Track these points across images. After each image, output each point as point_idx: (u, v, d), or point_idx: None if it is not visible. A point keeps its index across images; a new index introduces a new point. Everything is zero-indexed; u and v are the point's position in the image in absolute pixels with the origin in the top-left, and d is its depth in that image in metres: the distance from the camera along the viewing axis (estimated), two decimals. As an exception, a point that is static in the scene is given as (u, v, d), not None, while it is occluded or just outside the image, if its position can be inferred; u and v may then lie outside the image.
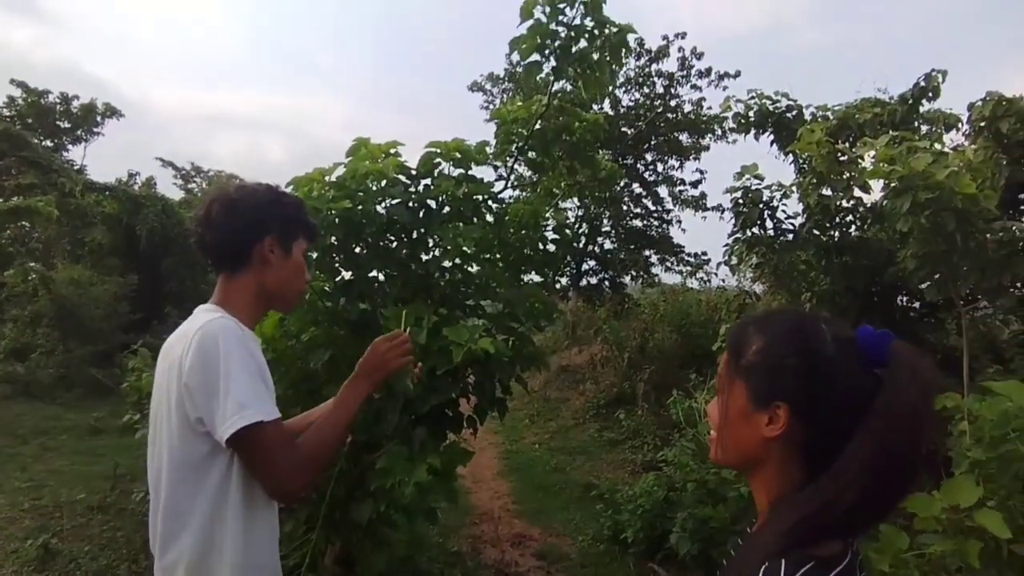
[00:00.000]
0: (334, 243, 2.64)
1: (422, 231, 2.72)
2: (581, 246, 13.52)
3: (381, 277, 2.74)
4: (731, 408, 0.82)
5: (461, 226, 2.62)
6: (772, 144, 5.99)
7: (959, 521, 1.63)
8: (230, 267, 1.35)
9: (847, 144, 4.90)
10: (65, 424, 7.49)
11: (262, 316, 1.45)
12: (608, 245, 14.68)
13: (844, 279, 5.25)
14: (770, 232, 5.41)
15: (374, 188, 2.61)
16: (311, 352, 2.55)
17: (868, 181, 4.37)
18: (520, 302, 2.76)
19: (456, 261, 2.78)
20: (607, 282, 14.42)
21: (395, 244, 2.76)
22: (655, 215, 14.49)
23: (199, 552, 1.21)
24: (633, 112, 13.50)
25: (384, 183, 2.62)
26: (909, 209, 3.60)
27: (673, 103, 13.50)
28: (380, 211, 2.61)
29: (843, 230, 5.44)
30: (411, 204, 2.70)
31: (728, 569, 0.85)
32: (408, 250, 2.73)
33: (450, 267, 2.79)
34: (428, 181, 2.75)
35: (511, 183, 3.44)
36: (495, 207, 2.95)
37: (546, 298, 2.90)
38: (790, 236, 5.39)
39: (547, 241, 3.14)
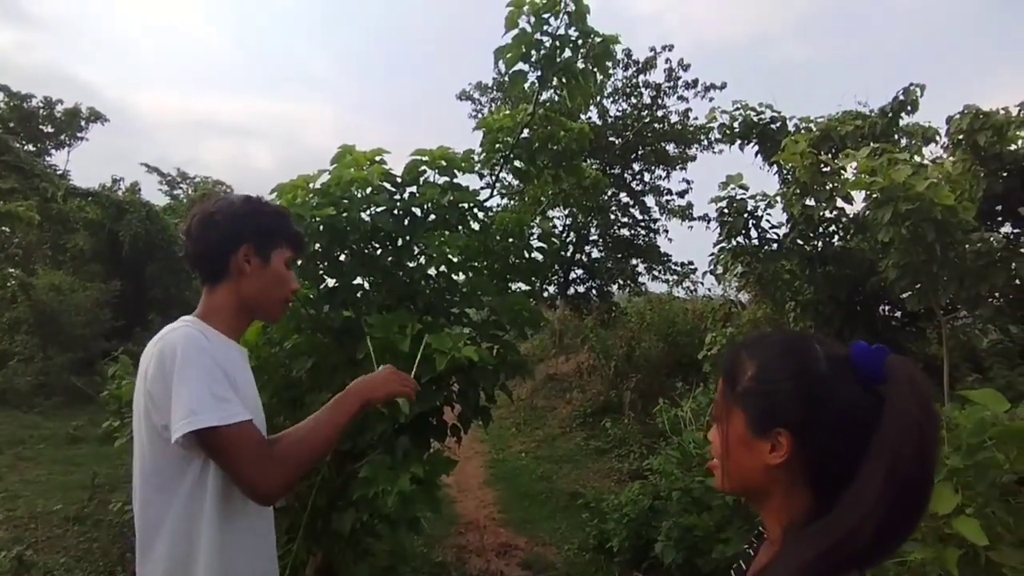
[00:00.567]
0: (318, 250, 2.62)
1: (407, 239, 2.71)
2: (569, 255, 13.55)
3: (366, 285, 2.73)
4: (731, 437, 0.80)
5: (446, 234, 2.62)
6: (757, 155, 6.07)
7: (938, 528, 1.65)
8: (211, 279, 1.37)
9: (830, 155, 4.97)
10: (43, 433, 7.34)
11: (245, 326, 1.45)
12: (595, 254, 14.72)
13: (827, 288, 5.31)
14: (755, 241, 5.47)
15: (359, 195, 2.60)
16: (294, 360, 2.53)
17: (850, 192, 4.44)
18: (506, 310, 2.76)
19: (441, 269, 2.77)
20: (594, 291, 14.44)
21: (379, 252, 2.75)
22: (642, 224, 14.56)
23: (174, 560, 1.20)
24: (620, 122, 13.59)
25: (369, 190, 2.62)
26: (890, 219, 3.66)
27: (660, 114, 13.60)
28: (365, 218, 2.60)
29: (826, 240, 5.52)
30: (396, 212, 2.69)
31: None
32: (393, 258, 2.72)
33: (435, 275, 2.79)
34: (413, 189, 2.75)
35: (497, 192, 3.44)
36: (481, 215, 2.95)
37: (532, 306, 2.90)
38: (774, 246, 5.46)
39: (533, 250, 3.15)
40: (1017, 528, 1.66)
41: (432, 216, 2.74)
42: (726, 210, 5.36)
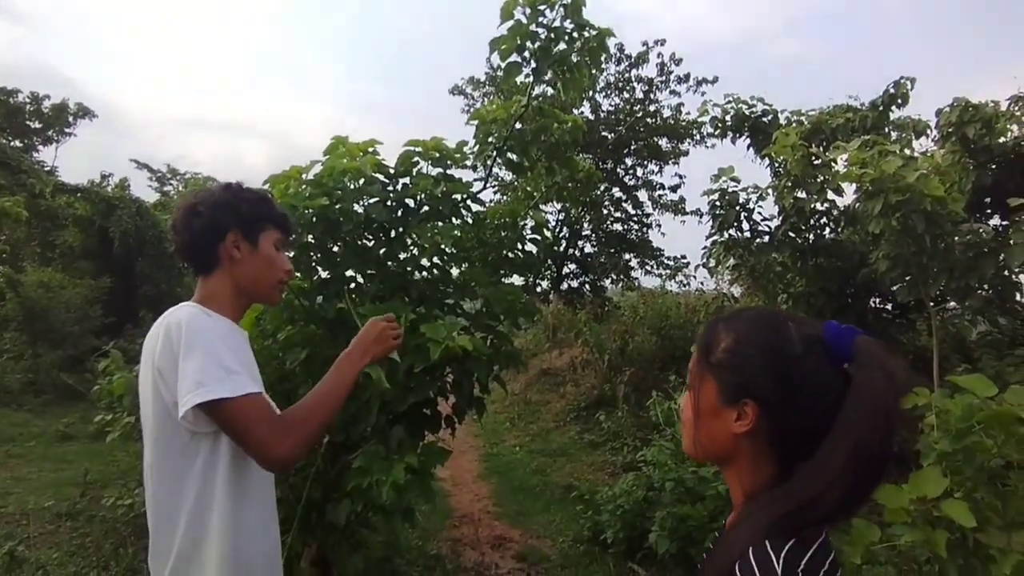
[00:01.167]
0: (311, 241, 2.61)
1: (400, 229, 2.71)
2: (562, 250, 13.57)
3: (360, 278, 2.73)
4: (702, 403, 0.84)
5: (440, 225, 2.61)
6: (748, 148, 6.09)
7: (927, 512, 1.67)
8: (203, 269, 1.38)
9: (821, 148, 5.00)
10: (33, 430, 7.29)
11: (244, 309, 1.47)
12: (588, 248, 14.77)
13: (819, 280, 5.35)
14: (747, 234, 5.50)
15: (352, 186, 2.59)
16: (287, 351, 2.52)
17: (841, 184, 4.47)
18: (499, 300, 2.76)
19: (435, 260, 2.77)
20: (587, 285, 14.48)
21: (373, 243, 2.74)
22: (635, 219, 14.59)
23: (189, 538, 1.21)
24: (613, 117, 13.60)
25: (362, 181, 2.61)
26: (880, 211, 3.68)
27: (652, 108, 13.62)
28: (357, 209, 2.59)
29: (818, 232, 5.55)
30: (389, 202, 2.69)
31: (707, 563, 0.85)
32: (386, 248, 2.72)
33: (428, 266, 2.79)
34: (406, 180, 2.74)
35: (490, 185, 3.44)
36: (474, 207, 2.95)
37: (525, 297, 2.90)
38: (766, 238, 5.49)
39: (526, 242, 3.15)
40: (1005, 511, 1.68)
41: (425, 207, 2.74)
42: (718, 203, 5.39)
